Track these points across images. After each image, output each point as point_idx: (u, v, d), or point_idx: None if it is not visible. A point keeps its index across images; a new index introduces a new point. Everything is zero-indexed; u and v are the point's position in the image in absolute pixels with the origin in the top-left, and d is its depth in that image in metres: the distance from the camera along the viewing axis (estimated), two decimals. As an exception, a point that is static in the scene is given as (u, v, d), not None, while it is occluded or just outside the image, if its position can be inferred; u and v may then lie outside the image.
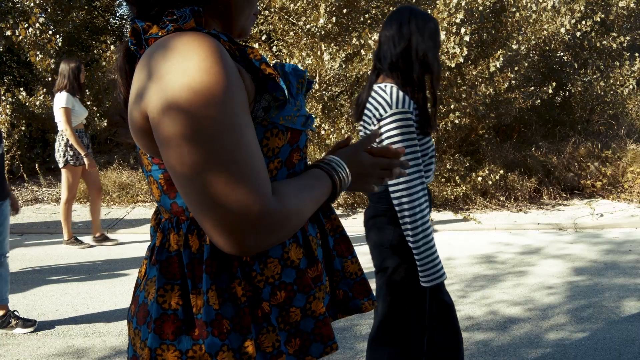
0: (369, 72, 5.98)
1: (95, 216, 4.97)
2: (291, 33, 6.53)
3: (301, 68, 0.98)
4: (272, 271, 0.89)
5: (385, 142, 1.72)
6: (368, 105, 1.80)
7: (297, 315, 0.91)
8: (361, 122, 1.87)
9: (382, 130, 1.72)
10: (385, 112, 1.71)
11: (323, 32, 6.00)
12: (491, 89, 6.25)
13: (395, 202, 1.73)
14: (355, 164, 1.00)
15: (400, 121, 1.69)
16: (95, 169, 4.81)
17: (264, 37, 6.84)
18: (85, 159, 4.61)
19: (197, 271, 0.87)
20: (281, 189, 0.82)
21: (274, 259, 0.90)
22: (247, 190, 0.74)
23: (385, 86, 1.77)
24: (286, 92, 0.84)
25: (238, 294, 0.86)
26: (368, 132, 1.81)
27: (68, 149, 4.59)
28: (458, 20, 5.71)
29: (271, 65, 0.85)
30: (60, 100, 4.48)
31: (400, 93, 1.73)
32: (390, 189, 1.73)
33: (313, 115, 0.98)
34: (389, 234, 1.84)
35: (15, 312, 3.17)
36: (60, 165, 4.70)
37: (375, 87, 1.80)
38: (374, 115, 1.75)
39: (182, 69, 0.73)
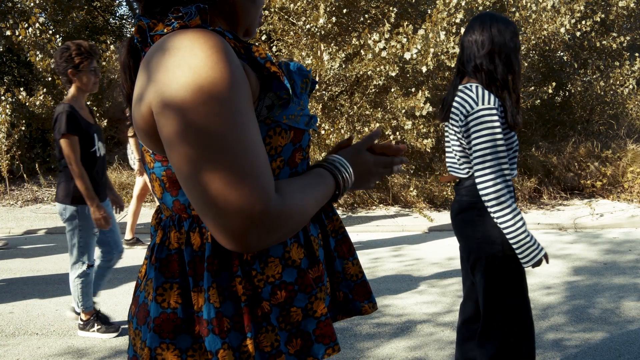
0: (369, 72, 6.01)
1: (132, 218, 4.92)
2: (291, 33, 6.53)
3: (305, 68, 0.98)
4: (272, 270, 0.89)
5: (472, 137, 1.82)
6: (454, 104, 1.91)
7: (299, 315, 0.91)
8: (448, 122, 1.99)
9: (470, 125, 1.83)
10: (472, 108, 1.83)
11: (323, 32, 6.00)
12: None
13: (483, 196, 1.83)
14: (358, 164, 1.01)
15: (486, 116, 1.81)
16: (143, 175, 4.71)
17: (263, 37, 6.84)
18: (136, 164, 4.52)
19: (198, 269, 0.86)
20: (285, 187, 0.82)
21: (274, 259, 0.89)
22: (250, 187, 0.73)
23: (471, 85, 1.88)
24: (290, 91, 0.84)
25: (238, 292, 0.86)
26: (455, 130, 1.91)
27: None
28: (458, 20, 5.72)
29: (276, 64, 0.85)
30: None
31: (486, 91, 1.85)
32: (477, 180, 1.82)
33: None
34: (479, 226, 1.92)
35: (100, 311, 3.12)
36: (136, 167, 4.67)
37: (461, 87, 1.92)
38: (461, 112, 1.86)
39: (188, 65, 0.73)
